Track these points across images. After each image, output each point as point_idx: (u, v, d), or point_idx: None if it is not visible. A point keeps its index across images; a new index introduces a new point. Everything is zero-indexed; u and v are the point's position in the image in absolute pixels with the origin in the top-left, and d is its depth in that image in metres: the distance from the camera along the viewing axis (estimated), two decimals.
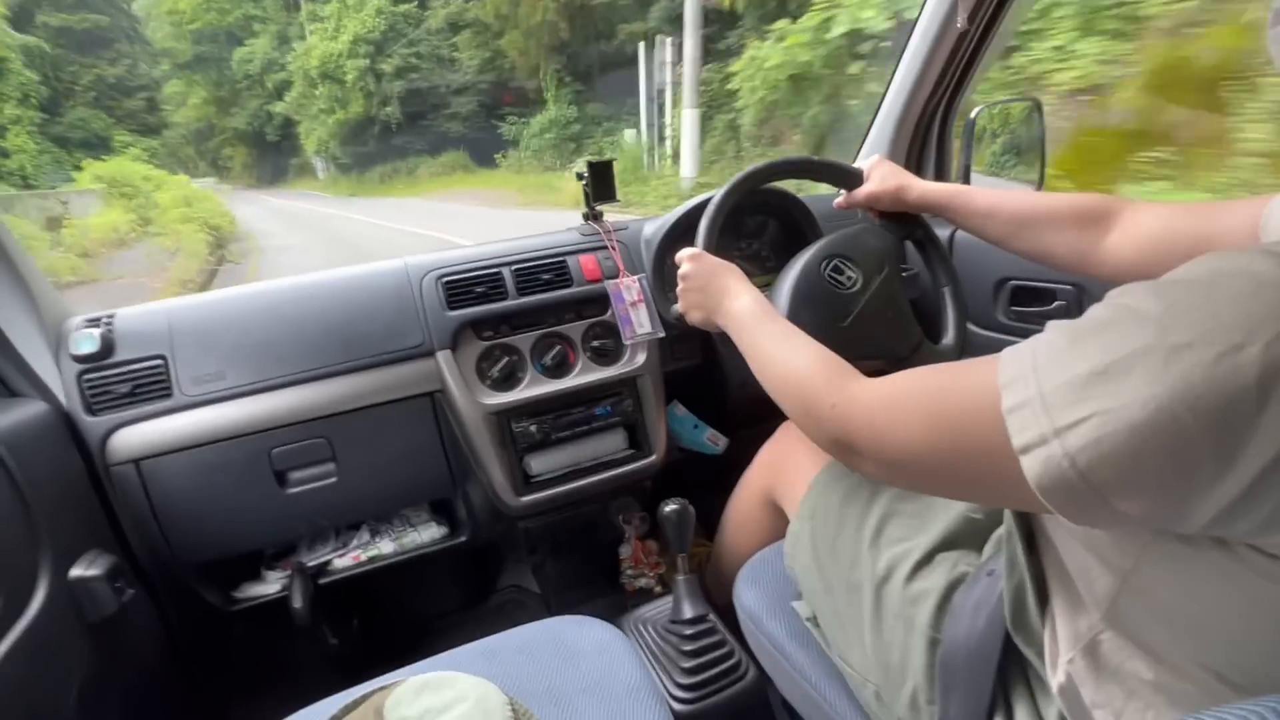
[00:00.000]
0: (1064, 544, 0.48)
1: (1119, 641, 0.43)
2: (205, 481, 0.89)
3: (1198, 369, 0.30)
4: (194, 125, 32.02)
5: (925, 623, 0.60)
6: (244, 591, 1.01)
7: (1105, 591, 0.43)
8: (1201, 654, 0.39)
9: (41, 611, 0.70)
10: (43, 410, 0.80)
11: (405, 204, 14.63)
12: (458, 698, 0.61)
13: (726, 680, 0.85)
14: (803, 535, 0.77)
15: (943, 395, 0.43)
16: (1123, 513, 0.34)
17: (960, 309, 0.88)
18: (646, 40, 9.84)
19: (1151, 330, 0.33)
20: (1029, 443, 0.35)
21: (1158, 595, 0.40)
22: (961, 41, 1.10)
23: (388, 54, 18.76)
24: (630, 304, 1.04)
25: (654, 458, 1.08)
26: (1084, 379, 0.34)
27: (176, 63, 27.63)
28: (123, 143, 23.30)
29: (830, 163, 0.92)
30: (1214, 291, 0.32)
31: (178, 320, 0.90)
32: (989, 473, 0.39)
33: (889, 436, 0.46)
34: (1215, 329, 0.31)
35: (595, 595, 1.24)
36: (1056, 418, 0.34)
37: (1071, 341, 0.36)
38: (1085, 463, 0.33)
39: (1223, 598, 0.36)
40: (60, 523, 0.76)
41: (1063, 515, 0.36)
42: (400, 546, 1.08)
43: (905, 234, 0.89)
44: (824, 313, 0.79)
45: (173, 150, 32.86)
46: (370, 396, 0.94)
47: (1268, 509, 0.31)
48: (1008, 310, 1.11)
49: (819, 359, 0.58)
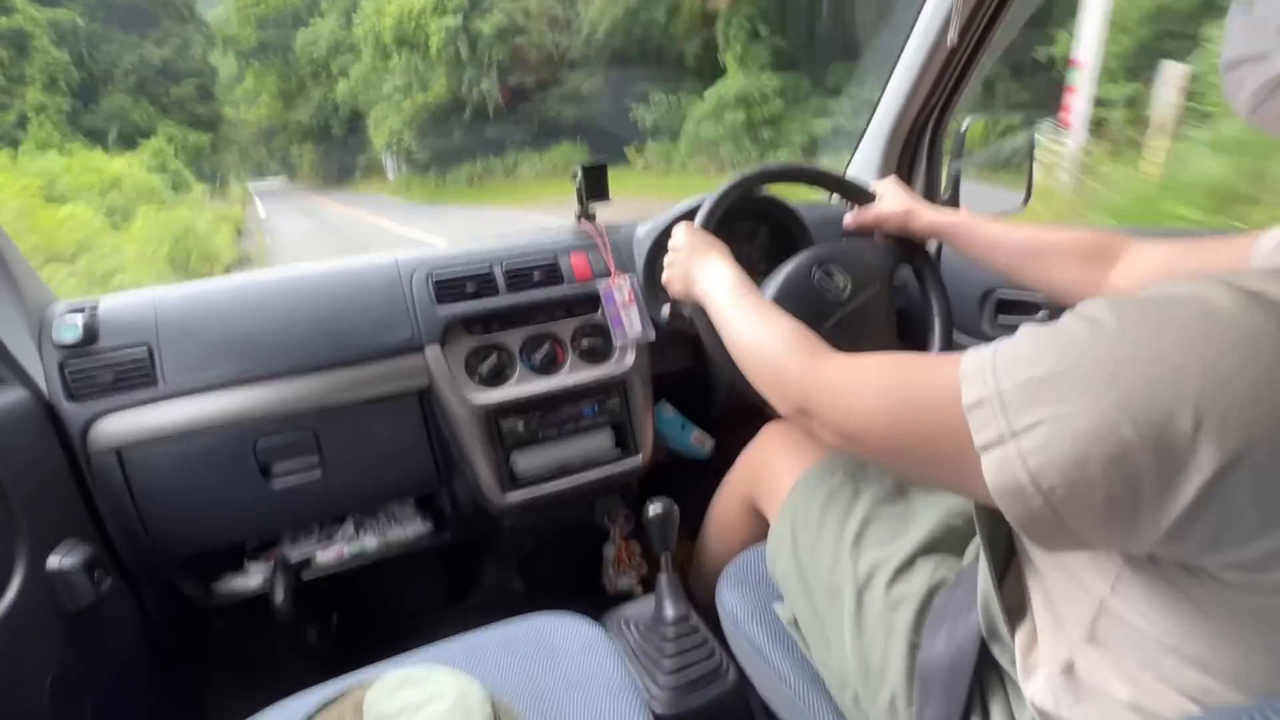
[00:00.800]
0: (1043, 565, 0.49)
1: (1096, 662, 0.44)
2: (188, 472, 0.88)
3: (1139, 383, 0.32)
4: (264, 123, 30.15)
5: (906, 628, 0.60)
6: (225, 585, 1.00)
7: (1083, 613, 0.44)
8: (1176, 678, 0.40)
9: (16, 601, 0.69)
10: (23, 397, 0.79)
11: (505, 216, 10.94)
12: (438, 693, 0.61)
13: (707, 681, 0.85)
14: (784, 538, 0.77)
15: (907, 376, 0.44)
16: (1069, 526, 0.35)
17: (947, 334, 0.90)
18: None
19: (1103, 343, 0.34)
20: (988, 441, 0.36)
21: (1133, 620, 0.41)
22: (954, 55, 1.12)
23: (485, 9, 13.89)
24: (621, 304, 1.04)
25: (640, 458, 1.08)
26: (1037, 382, 0.35)
27: (240, 50, 25.27)
28: (169, 137, 18.23)
29: (845, 178, 0.93)
30: (1164, 312, 0.33)
31: (163, 309, 0.89)
32: (944, 456, 0.40)
33: (852, 408, 0.47)
34: (1159, 347, 0.32)
35: (579, 593, 1.24)
36: (1014, 420, 0.35)
37: (1032, 344, 0.37)
38: (1035, 465, 0.34)
39: (1194, 625, 0.38)
40: (38, 511, 0.75)
41: (1012, 520, 0.37)
42: (384, 542, 1.08)
43: (906, 258, 0.90)
44: (806, 310, 0.80)
45: (243, 149, 30.87)
46: (358, 391, 0.93)
47: (1212, 527, 0.32)
48: (993, 321, 1.12)
49: (793, 330, 0.59)
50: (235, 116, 28.56)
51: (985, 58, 1.13)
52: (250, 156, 32.27)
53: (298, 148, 30.34)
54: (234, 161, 26.03)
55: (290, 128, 28.50)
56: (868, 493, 0.74)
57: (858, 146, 1.33)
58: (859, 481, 0.76)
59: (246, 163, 33.35)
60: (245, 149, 31.46)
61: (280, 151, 32.86)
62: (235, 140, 28.01)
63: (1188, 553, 0.34)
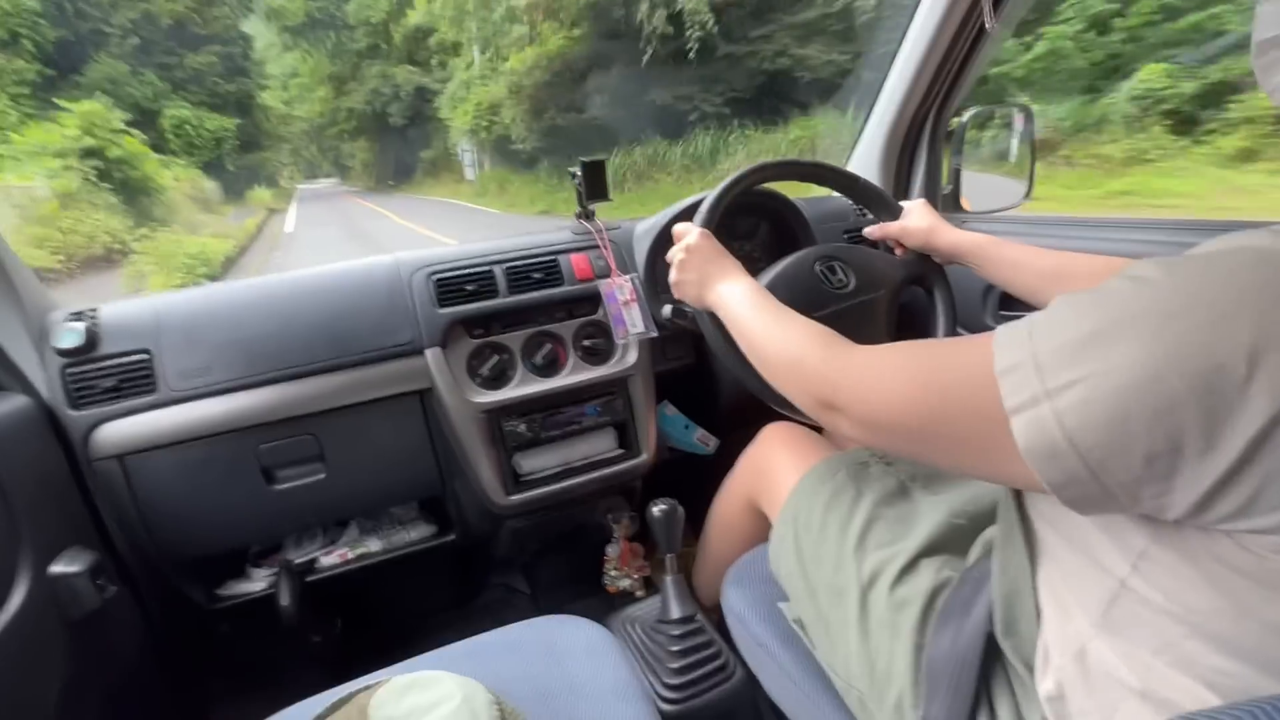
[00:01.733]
0: (1058, 547, 0.48)
1: (1109, 649, 0.44)
2: (190, 478, 0.88)
3: (1188, 334, 0.31)
4: (315, 120, 26.11)
5: (911, 628, 0.60)
6: (228, 589, 1.00)
7: (1099, 598, 0.43)
8: (1193, 661, 0.39)
9: (21, 609, 0.69)
10: (25, 404, 0.79)
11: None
12: (443, 697, 0.61)
13: (713, 681, 0.85)
14: (786, 540, 0.77)
15: (935, 359, 0.43)
16: (1106, 487, 0.34)
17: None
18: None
19: (1148, 297, 0.33)
20: (1020, 404, 0.36)
21: (1154, 598, 0.40)
22: (954, 47, 1.12)
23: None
24: (623, 303, 1.04)
25: (644, 458, 1.08)
26: (1078, 342, 0.34)
27: (286, 26, 20.71)
28: (179, 120, 13.97)
29: (876, 189, 0.92)
30: (1213, 264, 0.33)
31: (164, 314, 0.89)
32: (975, 434, 0.40)
33: (876, 394, 0.46)
34: (1210, 299, 0.31)
35: (583, 595, 1.24)
36: (1048, 380, 0.35)
37: (1071, 306, 0.37)
38: (1073, 424, 0.33)
39: (1216, 604, 0.37)
40: (41, 518, 0.75)
41: (1047, 484, 0.36)
42: (388, 545, 1.08)
43: (919, 277, 0.88)
44: (801, 297, 0.79)
45: (295, 149, 27.65)
46: (359, 394, 0.93)
47: (1252, 488, 0.31)
48: (996, 314, 1.12)
49: (813, 327, 0.58)
50: (282, 109, 23.66)
51: (989, 46, 1.12)
52: (302, 155, 29.40)
53: (350, 144, 25.90)
54: (276, 158, 22.33)
55: (342, 118, 23.56)
56: (870, 493, 0.73)
57: (857, 142, 1.33)
58: (861, 482, 0.75)
59: (299, 162, 30.10)
60: (296, 147, 28.13)
61: (331, 148, 28.92)
62: (281, 135, 23.29)
63: (1220, 517, 0.33)
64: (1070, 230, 1.03)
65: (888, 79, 1.23)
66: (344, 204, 18.44)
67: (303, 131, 28.06)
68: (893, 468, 0.77)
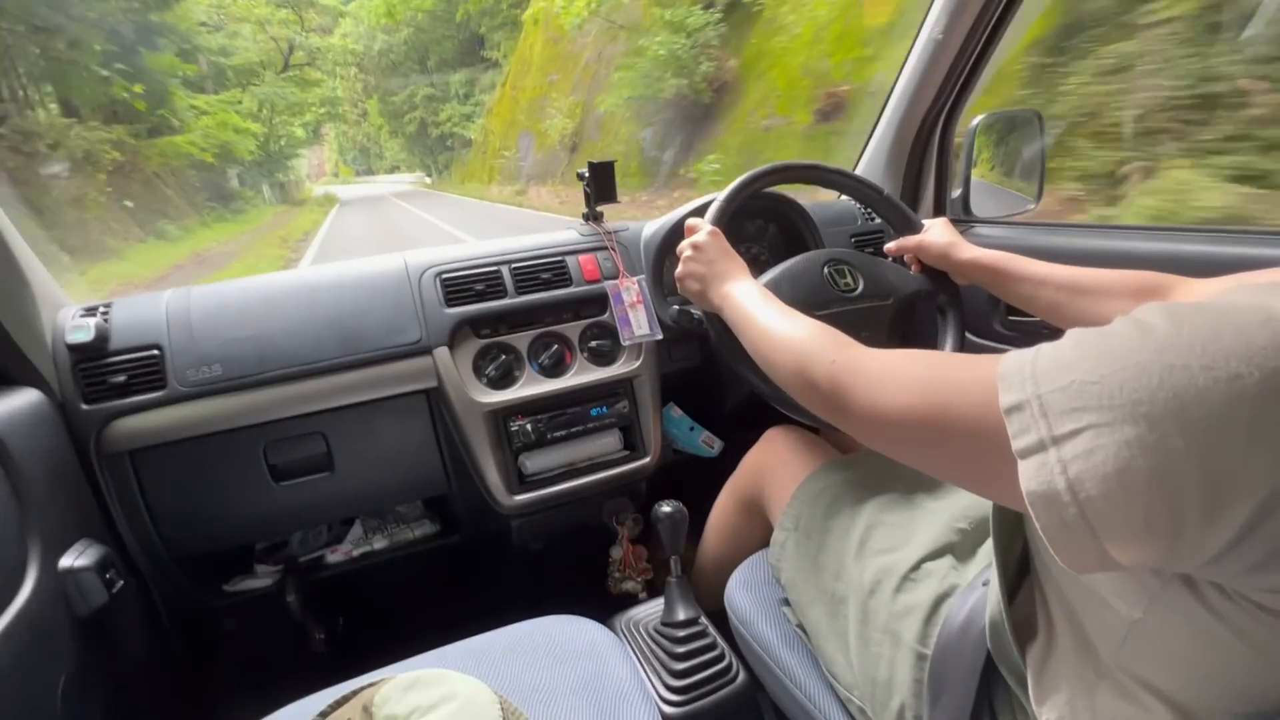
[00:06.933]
0: (1066, 582, 0.47)
1: (1119, 688, 0.43)
2: (199, 474, 0.88)
3: (1191, 390, 0.29)
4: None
5: (913, 637, 0.59)
6: (235, 585, 1.01)
7: (1111, 637, 0.42)
8: (1204, 705, 0.38)
9: (29, 602, 0.69)
10: (36, 399, 0.79)
11: None
12: (446, 696, 0.61)
13: (716, 683, 0.85)
14: (787, 545, 0.76)
15: (944, 370, 0.43)
16: (1103, 546, 0.32)
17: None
18: None
19: (1153, 346, 0.32)
20: (1028, 447, 0.35)
21: (1165, 645, 0.39)
22: (963, 51, 1.11)
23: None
24: (630, 305, 1.04)
25: (649, 459, 1.08)
26: (1080, 386, 0.33)
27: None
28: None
29: (899, 204, 0.91)
30: (1222, 318, 0.31)
31: (174, 311, 0.89)
32: (975, 454, 0.39)
33: (884, 397, 0.46)
34: (1215, 353, 0.30)
35: (587, 596, 1.24)
36: (1055, 425, 0.34)
37: (1076, 347, 0.35)
38: (1075, 474, 0.32)
39: (1230, 651, 0.36)
40: (51, 512, 0.76)
41: (1042, 529, 0.35)
42: (393, 543, 1.08)
43: (931, 294, 0.87)
44: (805, 295, 0.79)
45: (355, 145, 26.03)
46: (366, 392, 0.93)
47: (1262, 551, 0.30)
48: (1004, 319, 1.11)
49: (822, 327, 0.58)
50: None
51: (998, 51, 1.11)
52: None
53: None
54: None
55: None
56: (872, 499, 0.73)
57: (866, 146, 1.32)
58: (862, 487, 0.75)
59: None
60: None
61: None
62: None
63: (1230, 575, 0.32)
64: (1084, 237, 1.02)
65: (897, 82, 1.22)
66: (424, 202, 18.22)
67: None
68: (895, 473, 0.76)
